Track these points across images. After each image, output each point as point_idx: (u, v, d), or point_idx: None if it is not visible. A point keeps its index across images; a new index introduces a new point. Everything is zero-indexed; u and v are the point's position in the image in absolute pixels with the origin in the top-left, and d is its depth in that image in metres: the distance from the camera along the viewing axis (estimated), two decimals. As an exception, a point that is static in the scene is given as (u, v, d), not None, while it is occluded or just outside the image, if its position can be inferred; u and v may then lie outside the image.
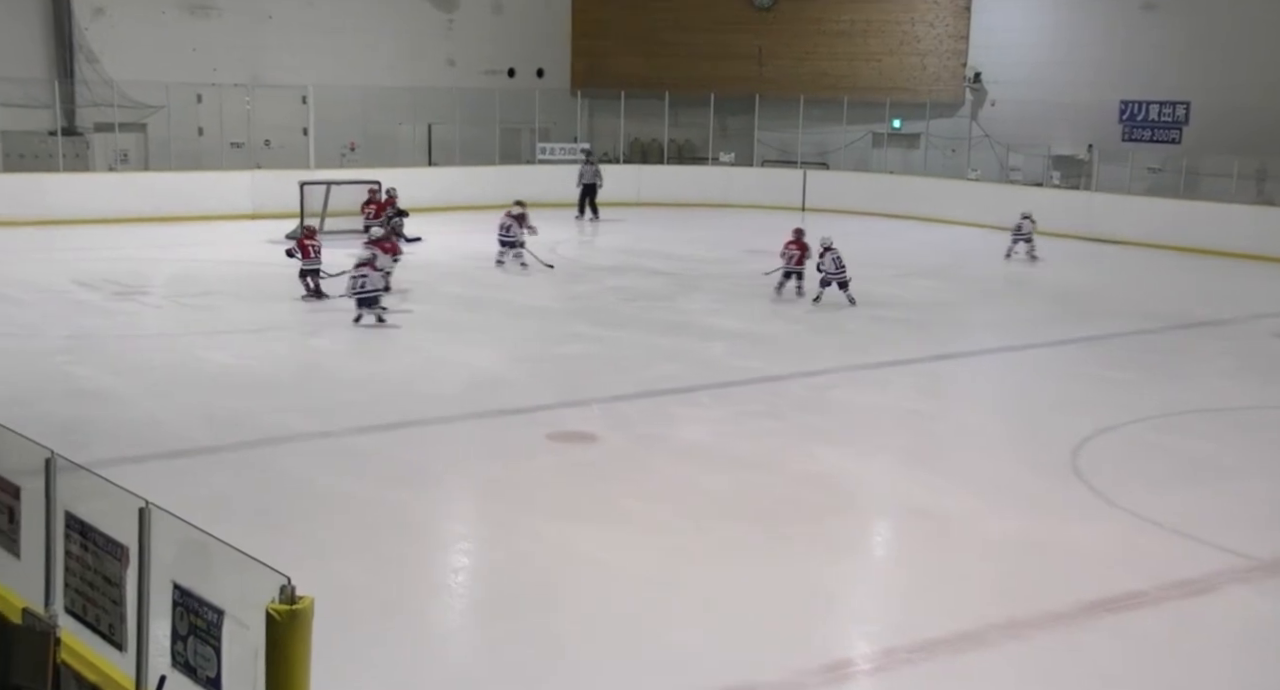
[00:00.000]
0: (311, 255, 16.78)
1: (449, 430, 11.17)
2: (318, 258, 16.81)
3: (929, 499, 9.58)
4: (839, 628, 7.53)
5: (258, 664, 4.31)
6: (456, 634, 7.43)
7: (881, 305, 17.81)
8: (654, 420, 11.61)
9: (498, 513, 9.20)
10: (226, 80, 26.79)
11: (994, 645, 7.13)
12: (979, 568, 8.30)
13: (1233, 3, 26.16)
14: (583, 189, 27.35)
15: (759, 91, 31.12)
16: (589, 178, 27.42)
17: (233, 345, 14.17)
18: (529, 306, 17.15)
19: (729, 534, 8.71)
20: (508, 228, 19.79)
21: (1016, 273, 21.84)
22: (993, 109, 29.79)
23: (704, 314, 16.95)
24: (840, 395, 12.90)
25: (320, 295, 16.71)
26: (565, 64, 33.60)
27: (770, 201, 29.49)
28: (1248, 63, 25.54)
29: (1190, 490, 10.07)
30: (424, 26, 31.06)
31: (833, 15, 31.35)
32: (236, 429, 10.81)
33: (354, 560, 7.97)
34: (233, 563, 4.39)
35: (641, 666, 6.72)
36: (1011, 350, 15.49)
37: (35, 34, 25.83)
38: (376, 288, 15.23)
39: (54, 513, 5.21)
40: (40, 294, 16.69)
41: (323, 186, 23.03)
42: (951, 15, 30.31)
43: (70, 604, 5.17)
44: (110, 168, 25.83)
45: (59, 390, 11.84)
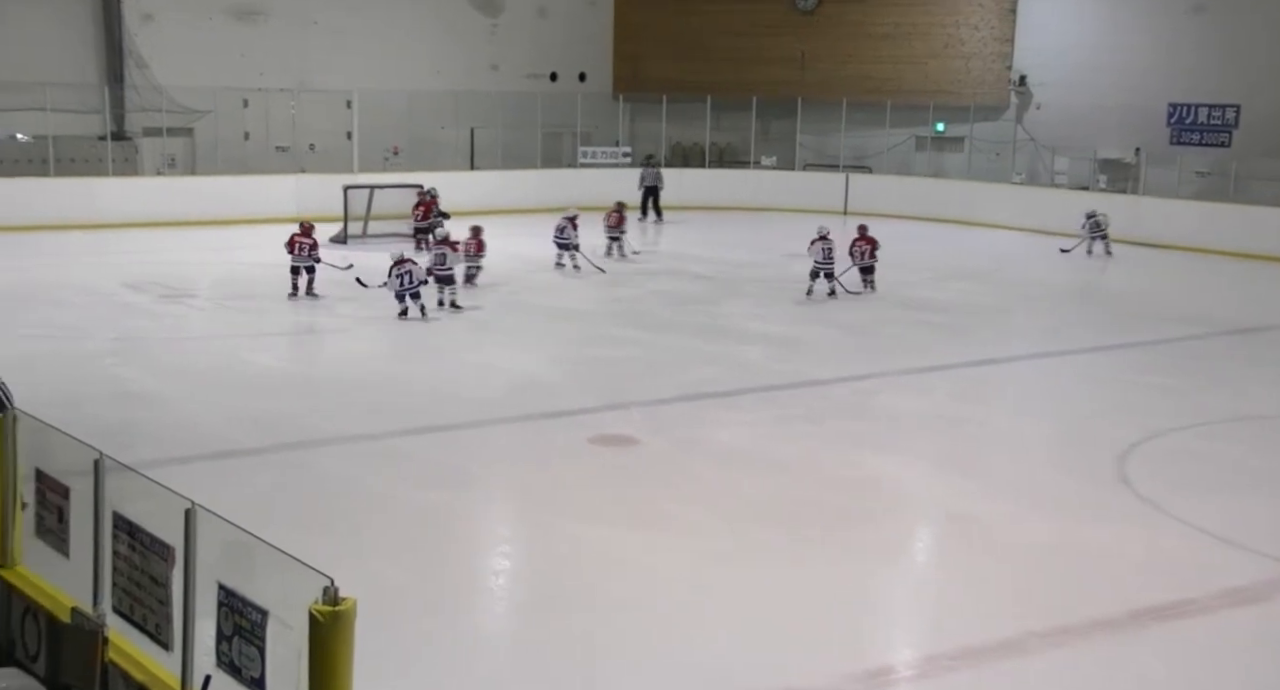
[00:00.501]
0: (299, 253, 17.00)
1: (490, 433, 11.22)
2: (307, 255, 17.01)
3: (970, 505, 9.51)
4: (880, 633, 7.49)
5: (301, 664, 4.35)
6: (496, 635, 7.46)
7: (923, 309, 17.70)
8: (693, 424, 11.61)
9: (538, 515, 9.23)
10: (272, 85, 27.06)
11: (1037, 653, 7.06)
12: (1022, 574, 8.23)
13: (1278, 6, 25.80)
14: (645, 191, 27.75)
15: (801, 95, 31.02)
16: (651, 180, 27.84)
17: (276, 348, 14.32)
18: (570, 310, 17.19)
19: (768, 538, 8.68)
20: (562, 229, 20.05)
21: (1060, 277, 21.63)
22: (1038, 112, 29.52)
23: (744, 318, 16.92)
24: (880, 400, 12.84)
25: (311, 293, 16.99)
26: (607, 68, 33.66)
27: (811, 205, 29.35)
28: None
29: (1237, 497, 9.93)
30: (468, 31, 31.23)
31: (876, 18, 31.20)
32: (280, 431, 10.92)
33: (395, 561, 8.02)
34: (276, 563, 4.44)
35: (680, 670, 6.71)
36: (1055, 355, 15.35)
37: (87, 40, 26.21)
38: (419, 282, 15.80)
39: (102, 513, 5.28)
40: (88, 297, 16.93)
41: (366, 190, 23.22)
42: (997, 18, 30.08)
43: (118, 603, 5.24)
44: (158, 172, 26.17)
45: (106, 392, 12.00)
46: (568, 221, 20.11)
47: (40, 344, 13.30)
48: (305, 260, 17.04)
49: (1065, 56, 28.73)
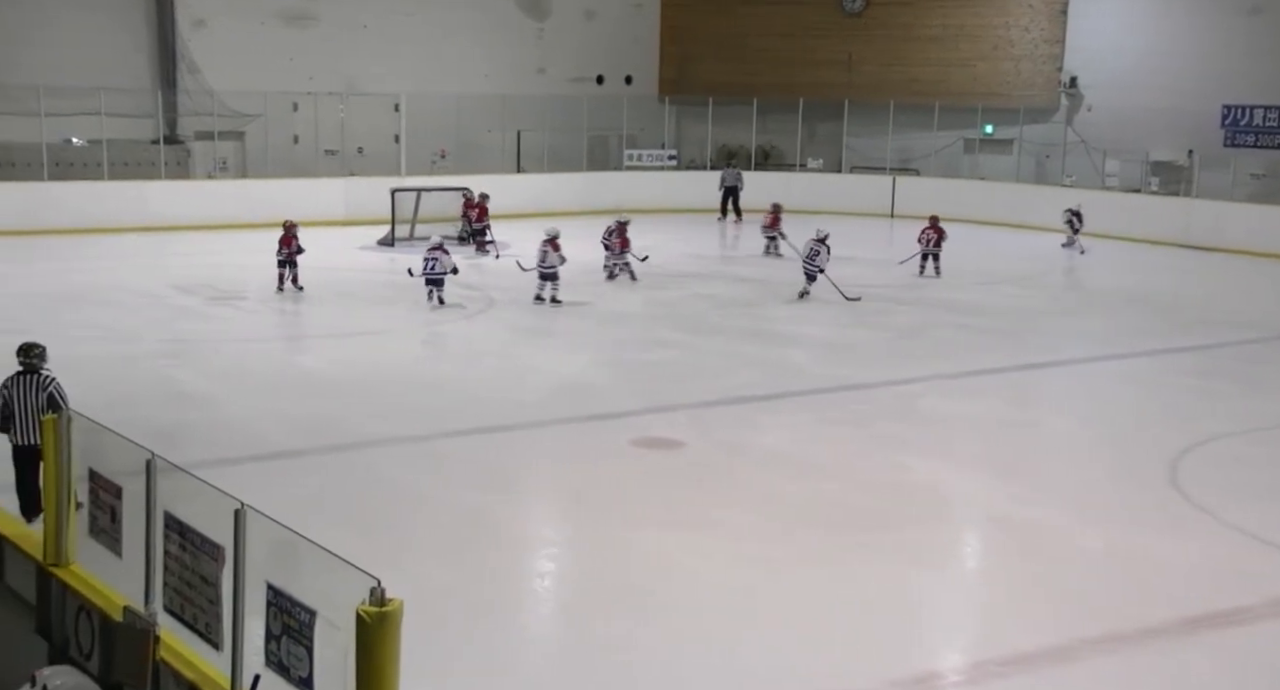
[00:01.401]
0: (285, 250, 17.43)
1: (536, 435, 11.25)
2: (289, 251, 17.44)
3: (1019, 510, 9.42)
4: (928, 639, 7.42)
5: (348, 664, 4.38)
6: (541, 637, 7.47)
7: (970, 313, 17.55)
8: (738, 427, 11.58)
9: (583, 518, 9.25)
10: (322, 89, 27.30)
11: (1087, 660, 6.98)
12: (1072, 581, 8.13)
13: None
14: (725, 192, 28.32)
15: (848, 97, 30.87)
16: (731, 181, 28.38)
17: (325, 350, 14.44)
18: (615, 312, 17.20)
19: (812, 542, 8.64)
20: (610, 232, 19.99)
21: (1111, 281, 21.37)
22: (1088, 114, 29.18)
23: (789, 321, 16.85)
24: (926, 404, 12.73)
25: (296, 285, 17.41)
26: (653, 70, 33.66)
27: (858, 208, 29.20)
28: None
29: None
30: (515, 35, 31.35)
31: (924, 20, 30.98)
32: (327, 432, 11.01)
33: (441, 563, 8.06)
34: (324, 564, 4.47)
35: (724, 674, 6.69)
36: (1105, 360, 15.16)
37: (141, 45, 26.58)
38: (444, 270, 16.83)
39: (154, 513, 5.34)
40: (140, 299, 17.15)
41: (413, 193, 23.38)
42: (1047, 19, 29.77)
43: (169, 602, 5.30)
44: (209, 175, 26.48)
45: (157, 393, 12.15)
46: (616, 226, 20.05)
47: (92, 346, 13.49)
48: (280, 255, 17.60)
49: (1117, 58, 28.37)
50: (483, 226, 22.19)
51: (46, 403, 7.86)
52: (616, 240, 19.53)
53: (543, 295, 17.25)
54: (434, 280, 16.85)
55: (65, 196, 23.30)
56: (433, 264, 16.85)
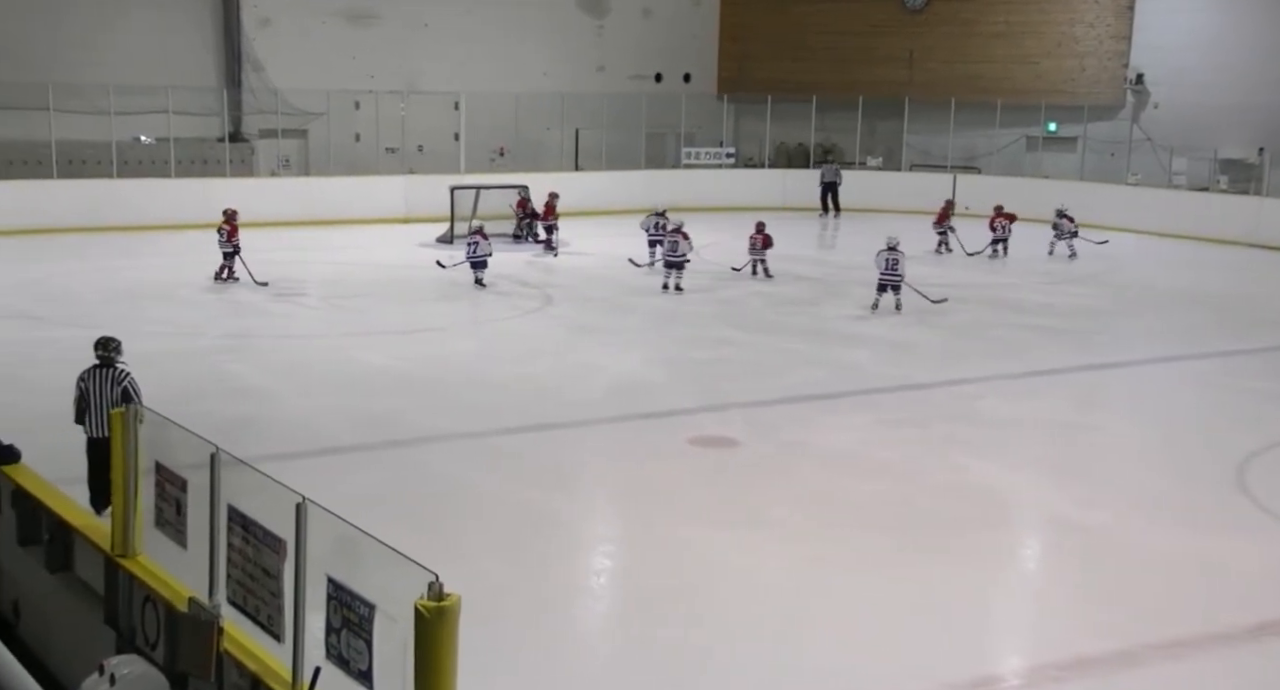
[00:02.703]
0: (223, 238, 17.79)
1: (593, 432, 11.28)
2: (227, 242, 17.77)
3: (1082, 513, 9.29)
4: (986, 642, 7.35)
5: (407, 658, 4.41)
6: (597, 635, 7.49)
7: (1032, 313, 17.33)
8: (796, 426, 11.52)
9: (640, 515, 9.25)
10: (383, 87, 27.56)
11: (1150, 665, 6.88)
12: (1135, 585, 8.00)
13: None
14: (824, 187, 28.95)
15: (908, 95, 30.61)
16: (830, 177, 29.01)
17: (384, 346, 14.56)
18: (673, 311, 17.20)
19: (871, 543, 8.58)
20: (659, 226, 20.23)
21: (1177, 281, 20.99)
22: (1155, 111, 28.69)
23: (848, 320, 16.75)
24: (987, 405, 12.59)
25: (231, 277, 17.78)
26: (712, 68, 33.59)
27: (918, 206, 28.92)
28: None
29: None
30: (574, 33, 31.44)
31: (988, 17, 30.63)
32: (387, 428, 11.11)
33: (499, 559, 8.10)
34: (383, 559, 4.51)
35: (783, 676, 6.67)
36: (1170, 361, 14.91)
37: (207, 44, 26.99)
38: (485, 254, 17.96)
39: (217, 506, 5.41)
40: (204, 295, 17.43)
41: (472, 191, 23.52)
42: (1113, 15, 29.31)
43: (232, 595, 5.37)
44: (272, 173, 26.84)
45: (220, 388, 12.33)
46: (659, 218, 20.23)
47: (158, 341, 13.72)
48: (226, 247, 17.88)
49: (1185, 54, 27.86)
50: (550, 225, 22.29)
51: (121, 396, 8.01)
52: (758, 238, 19.66)
53: (669, 283, 18.03)
54: (476, 263, 17.91)
55: (133, 194, 23.73)
56: (474, 248, 18.01)
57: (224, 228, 17.89)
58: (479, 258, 18.05)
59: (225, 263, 17.96)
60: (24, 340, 14.30)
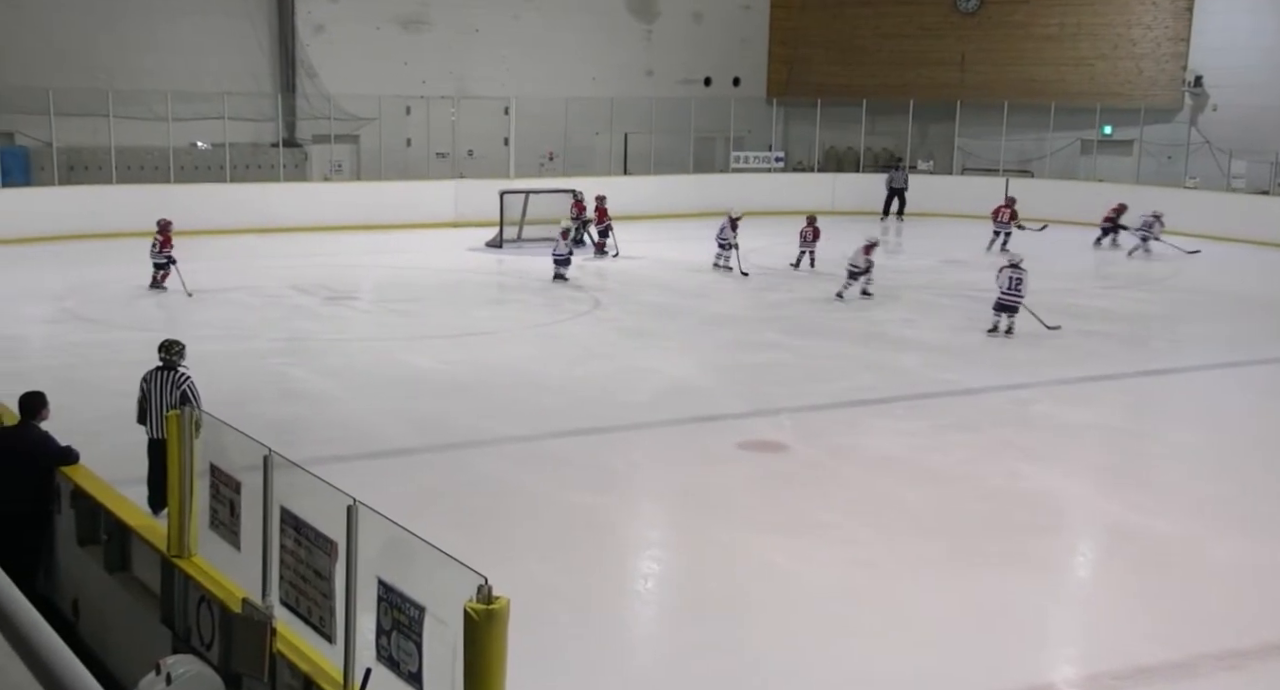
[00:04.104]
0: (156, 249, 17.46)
1: (643, 436, 11.28)
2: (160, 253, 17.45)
3: (1138, 520, 9.16)
4: (1041, 649, 7.26)
5: (456, 661, 4.42)
6: (647, 640, 7.48)
7: (1088, 318, 17.11)
8: (847, 431, 11.46)
9: (689, 520, 9.23)
10: (433, 92, 27.78)
11: (1208, 676, 6.77)
12: (1193, 593, 7.88)
13: None
14: (890, 192, 28.96)
15: (960, 98, 30.36)
16: (898, 183, 29.08)
17: (435, 349, 14.65)
18: (722, 314, 17.16)
19: (923, 549, 8.51)
20: (721, 228, 20.53)
21: (1237, 286, 20.65)
22: (1214, 114, 28.24)
23: (899, 324, 16.63)
24: (1042, 410, 12.45)
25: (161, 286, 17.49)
26: (761, 72, 33.51)
27: (970, 210, 28.68)
28: None
29: None
30: (624, 37, 31.49)
31: (1042, 19, 30.31)
32: (437, 431, 11.18)
33: (548, 562, 8.12)
34: (433, 561, 4.53)
35: (827, 679, 6.62)
36: (1228, 367, 14.66)
37: (263, 50, 27.33)
38: (562, 253, 19.10)
39: (270, 508, 5.46)
40: (258, 298, 17.63)
41: (521, 195, 23.63)
42: (1171, 17, 28.90)
43: (285, 596, 5.41)
44: (325, 177, 27.13)
45: (273, 390, 12.47)
46: (728, 221, 20.39)
47: (213, 343, 13.90)
48: (159, 258, 17.53)
49: (1244, 55, 27.41)
50: (604, 227, 22.35)
51: (180, 399, 8.12)
52: (809, 230, 20.81)
53: (861, 290, 18.14)
54: (562, 260, 19.08)
55: (189, 199, 24.01)
56: (555, 246, 19.37)
57: (157, 238, 17.62)
58: (560, 255, 19.15)
59: (157, 272, 17.57)
60: (84, 343, 14.54)
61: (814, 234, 20.87)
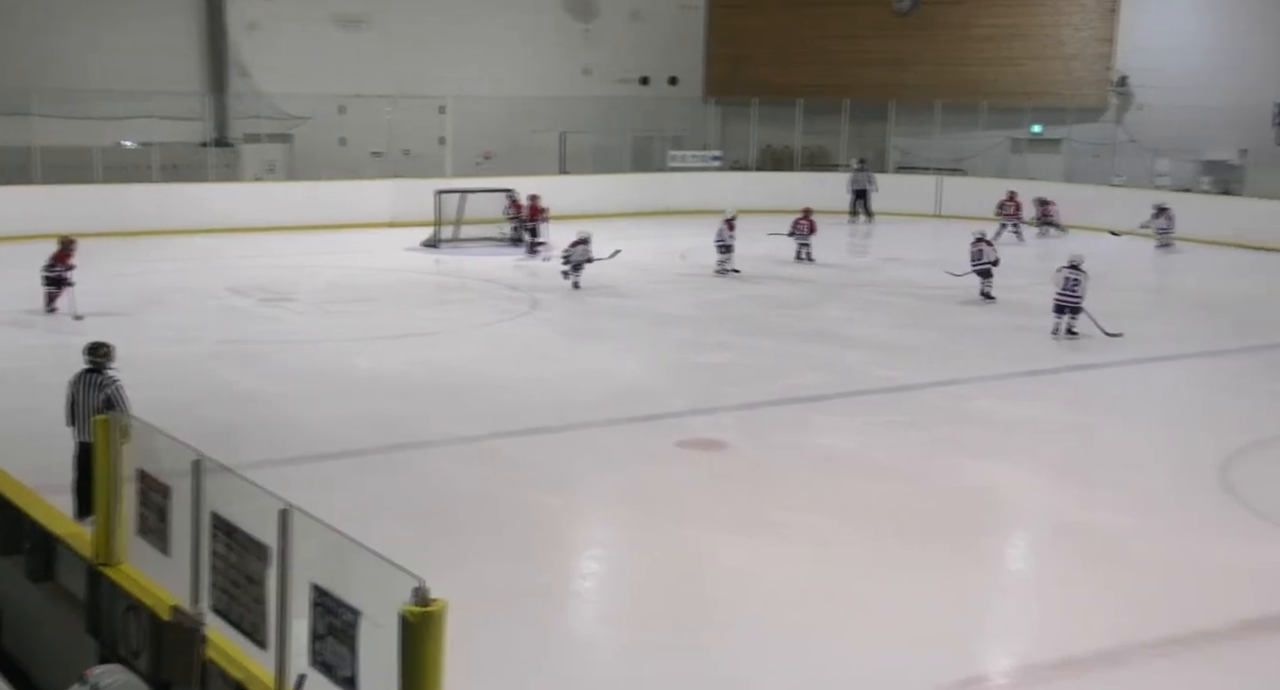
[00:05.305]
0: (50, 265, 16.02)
1: (592, 436, 11.24)
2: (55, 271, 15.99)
3: (1077, 514, 9.29)
4: (982, 642, 7.34)
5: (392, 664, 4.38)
6: (597, 641, 7.43)
7: (1026, 313, 17.35)
8: (795, 429, 11.51)
9: (639, 520, 9.21)
10: (370, 91, 27.50)
11: (1139, 664, 6.88)
12: (1127, 585, 7.99)
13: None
14: (854, 193, 28.56)
15: (896, 98, 30.67)
16: (861, 183, 28.69)
17: (377, 350, 14.51)
18: (669, 314, 17.15)
19: (868, 545, 8.56)
20: (719, 232, 20.26)
21: (1165, 281, 21.07)
22: (1139, 113, 28.78)
23: (843, 322, 16.75)
24: (983, 406, 12.59)
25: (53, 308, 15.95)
26: (699, 71, 33.60)
27: (904, 208, 29.01)
28: None
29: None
30: (562, 36, 31.42)
31: (976, 20, 30.68)
32: (382, 433, 11.05)
33: (497, 563, 8.05)
34: (370, 565, 4.48)
35: (780, 677, 6.63)
36: (1160, 360, 14.93)
37: (192, 49, 26.90)
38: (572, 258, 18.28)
39: (201, 513, 5.38)
40: (194, 300, 17.32)
41: (458, 195, 23.48)
42: (1099, 18, 29.41)
43: (216, 602, 5.33)
44: (257, 178, 26.75)
45: (214, 395, 12.25)
46: (725, 224, 20.22)
47: (148, 347, 13.61)
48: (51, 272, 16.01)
49: (1168, 56, 27.96)
50: (534, 226, 22.27)
51: (104, 403, 7.94)
52: (805, 223, 21.21)
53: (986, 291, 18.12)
54: (576, 266, 18.33)
55: (117, 199, 23.61)
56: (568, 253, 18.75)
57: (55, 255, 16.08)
58: (577, 260, 18.43)
59: (50, 289, 15.98)
60: (13, 348, 14.22)
61: (810, 226, 21.27)
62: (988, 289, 18.31)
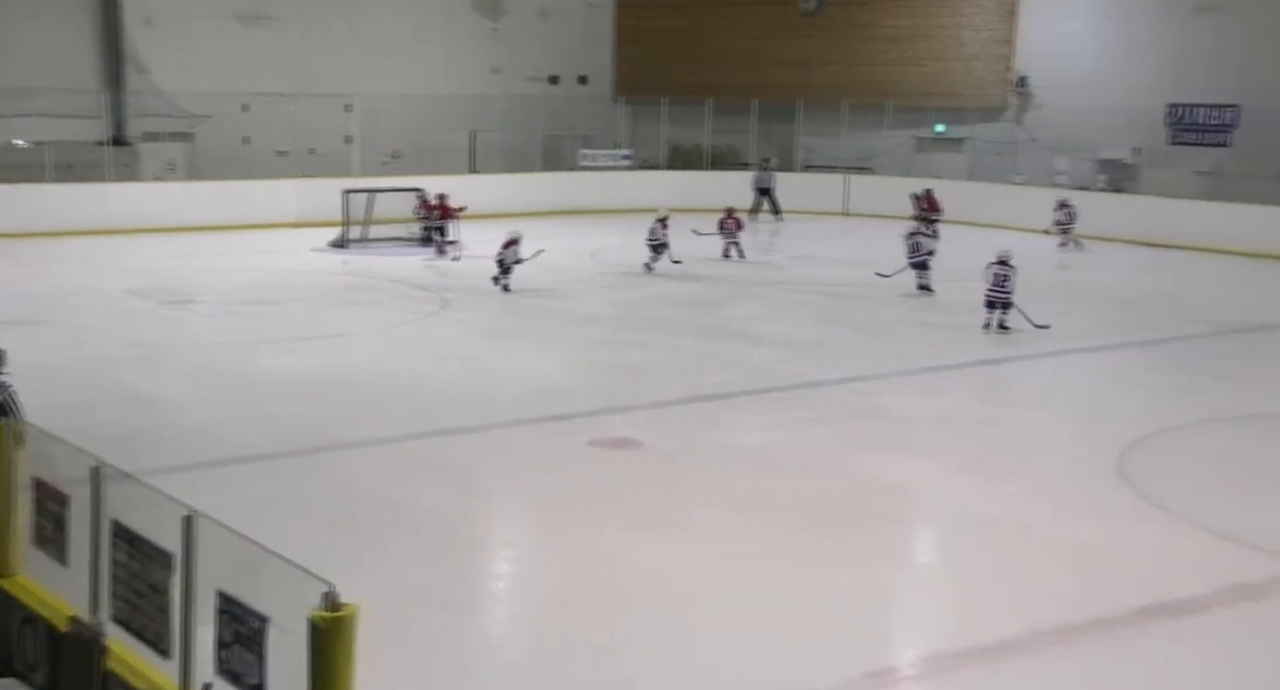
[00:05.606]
0: None
1: (505, 437, 11.18)
2: None
3: (981, 506, 9.48)
4: (887, 634, 7.47)
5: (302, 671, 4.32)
6: (506, 643, 7.41)
7: (933, 309, 17.68)
8: (707, 427, 11.57)
9: (554, 520, 9.19)
10: (273, 90, 27.05)
11: (1041, 651, 7.05)
12: (1029, 573, 8.19)
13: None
14: (758, 192, 28.87)
15: (803, 97, 31.01)
16: (765, 182, 29.02)
17: (286, 352, 14.29)
18: (580, 313, 17.16)
19: (777, 540, 8.65)
20: (651, 230, 20.39)
21: (1065, 277, 21.59)
22: (1039, 113, 29.50)
23: (752, 320, 16.89)
24: (891, 400, 12.79)
25: None
26: (609, 70, 33.65)
27: (812, 207, 29.38)
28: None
29: (1245, 495, 9.92)
30: (470, 35, 31.24)
31: (880, 21, 31.17)
32: (292, 436, 10.89)
33: (410, 566, 7.99)
34: (278, 570, 4.41)
35: (687, 672, 6.68)
36: (1062, 354, 15.31)
37: (86, 45, 26.21)
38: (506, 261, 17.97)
39: (101, 521, 5.26)
40: (94, 303, 16.90)
41: (365, 195, 23.21)
42: (998, 19, 30.06)
43: (117, 612, 5.21)
44: (157, 177, 26.14)
45: (118, 399, 11.97)
46: (658, 223, 20.33)
47: (44, 351, 13.25)
48: None
49: (1066, 58, 28.70)
50: (443, 225, 22.08)
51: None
52: (730, 222, 21.64)
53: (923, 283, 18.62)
54: (505, 269, 17.99)
55: (9, 200, 22.89)
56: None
57: None
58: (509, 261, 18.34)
59: None
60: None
61: (737, 225, 21.71)
62: (925, 281, 18.58)
